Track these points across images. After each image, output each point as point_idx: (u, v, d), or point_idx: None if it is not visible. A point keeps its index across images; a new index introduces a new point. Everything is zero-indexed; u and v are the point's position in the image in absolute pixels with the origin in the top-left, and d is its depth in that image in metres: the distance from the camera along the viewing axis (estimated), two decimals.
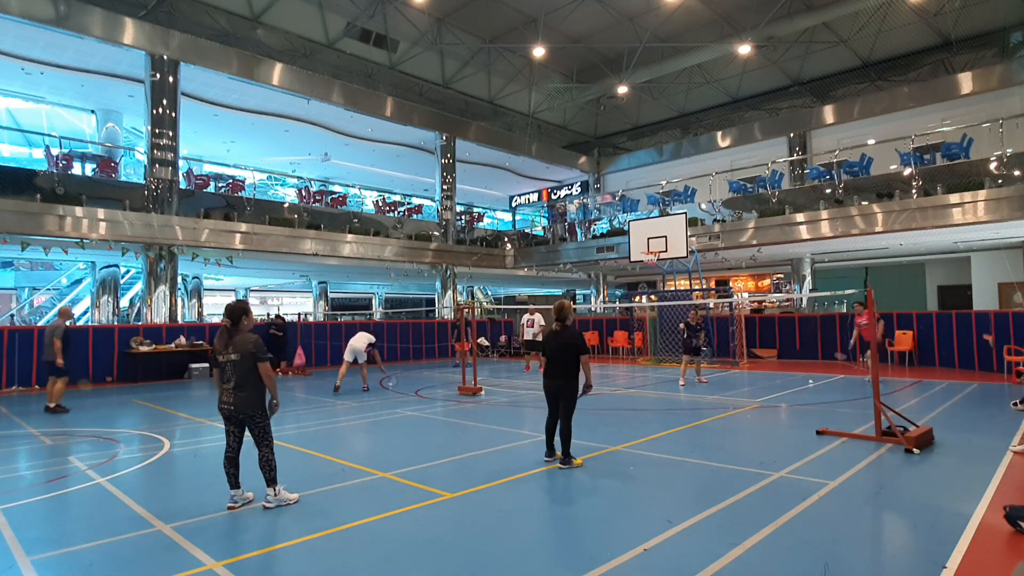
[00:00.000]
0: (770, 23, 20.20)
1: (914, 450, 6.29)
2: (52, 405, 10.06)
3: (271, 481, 4.86)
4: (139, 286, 19.14)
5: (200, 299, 25.26)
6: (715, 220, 19.43)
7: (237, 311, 4.87)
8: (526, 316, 16.13)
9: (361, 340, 12.57)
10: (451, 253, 23.26)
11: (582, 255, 23.05)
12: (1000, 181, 14.34)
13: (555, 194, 31.70)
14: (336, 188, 25.94)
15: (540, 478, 5.67)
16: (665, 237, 17.85)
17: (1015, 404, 8.91)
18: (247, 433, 4.95)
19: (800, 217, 17.39)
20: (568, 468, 5.92)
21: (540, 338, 15.78)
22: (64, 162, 15.42)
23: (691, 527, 4.24)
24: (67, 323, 10.41)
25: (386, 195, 27.53)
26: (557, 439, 6.16)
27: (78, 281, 22.52)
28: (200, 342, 16.06)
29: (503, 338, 23.60)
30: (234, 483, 4.92)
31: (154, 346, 15.22)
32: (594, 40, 23.63)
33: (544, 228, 27.45)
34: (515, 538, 4.19)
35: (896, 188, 15.97)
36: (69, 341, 10.33)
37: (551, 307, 6.57)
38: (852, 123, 21.79)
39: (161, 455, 6.87)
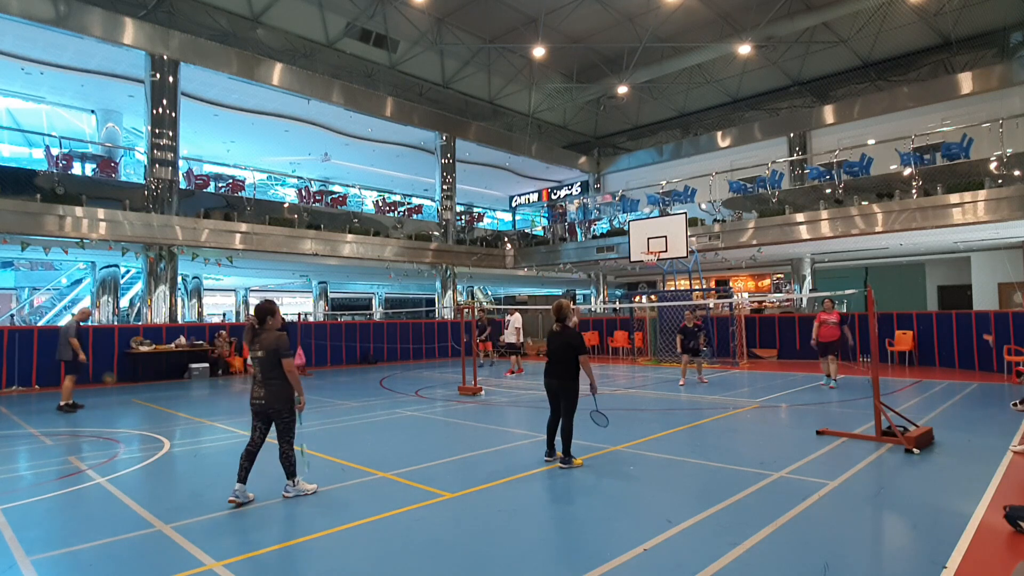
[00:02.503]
0: (770, 23, 20.21)
1: (914, 450, 6.29)
2: (62, 403, 10.07)
3: (291, 474, 5.11)
4: (139, 286, 19.16)
5: (200, 299, 25.27)
6: (715, 220, 19.43)
7: (263, 311, 5.10)
8: (507, 317, 15.95)
9: None
10: (451, 253, 23.26)
11: (582, 255, 23.05)
12: (1000, 181, 14.34)
13: (555, 194, 31.70)
14: (336, 188, 25.94)
15: (540, 478, 5.67)
16: (665, 237, 17.84)
17: (1015, 404, 8.91)
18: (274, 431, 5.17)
19: (800, 217, 17.39)
20: (568, 468, 5.94)
21: (514, 339, 15.47)
22: (64, 162, 15.42)
23: (691, 527, 4.24)
24: (80, 323, 10.59)
25: (386, 195, 27.52)
26: (557, 439, 6.18)
27: (78, 281, 22.53)
28: (200, 342, 16.06)
29: (503, 339, 23.59)
30: (243, 477, 4.99)
31: (154, 346, 15.22)
32: (594, 40, 23.62)
33: (544, 228, 27.46)
34: (515, 538, 4.19)
35: (896, 188, 15.98)
36: (80, 339, 10.43)
37: (549, 308, 6.64)
38: (852, 123, 21.79)
39: (161, 455, 6.87)
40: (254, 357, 5.04)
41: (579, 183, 30.81)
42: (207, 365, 15.87)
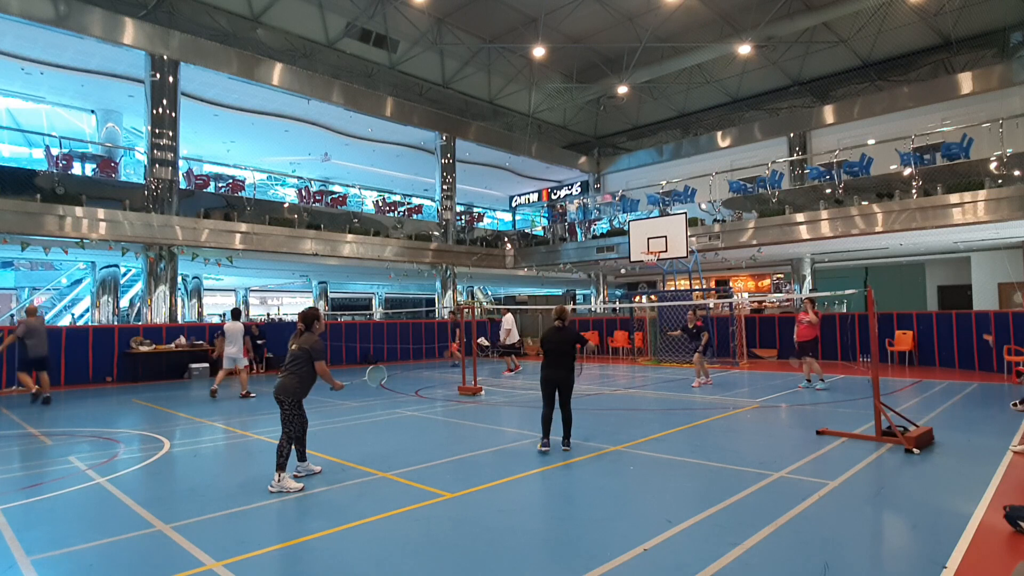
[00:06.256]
0: (770, 23, 20.21)
1: (914, 450, 6.29)
2: (46, 393, 11.12)
3: (279, 467, 5.28)
4: (139, 286, 19.14)
5: (200, 299, 25.27)
6: (715, 220, 19.43)
7: (310, 317, 5.66)
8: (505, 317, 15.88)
9: (238, 343, 11.80)
10: (451, 253, 23.25)
11: (582, 255, 23.05)
12: (1000, 181, 14.34)
13: (555, 194, 31.69)
14: (336, 188, 25.94)
15: (540, 478, 5.68)
16: (665, 237, 17.84)
17: (1015, 404, 8.90)
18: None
19: (800, 217, 17.39)
20: (569, 450, 6.65)
21: (508, 340, 15.42)
22: (64, 162, 15.42)
23: (691, 527, 4.24)
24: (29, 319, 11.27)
25: (386, 195, 27.52)
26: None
27: (78, 281, 22.52)
28: (200, 342, 16.06)
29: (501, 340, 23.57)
30: (300, 457, 5.68)
31: (154, 346, 15.22)
32: (594, 40, 23.62)
33: (544, 228, 27.45)
34: (515, 538, 4.19)
35: (896, 188, 15.97)
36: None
37: (549, 307, 7.07)
38: (852, 123, 21.79)
39: (161, 455, 6.87)
40: (289, 350, 5.58)
41: (579, 183, 30.80)
42: (207, 365, 15.87)
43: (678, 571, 3.55)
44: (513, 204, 34.15)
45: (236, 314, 12.62)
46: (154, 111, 16.17)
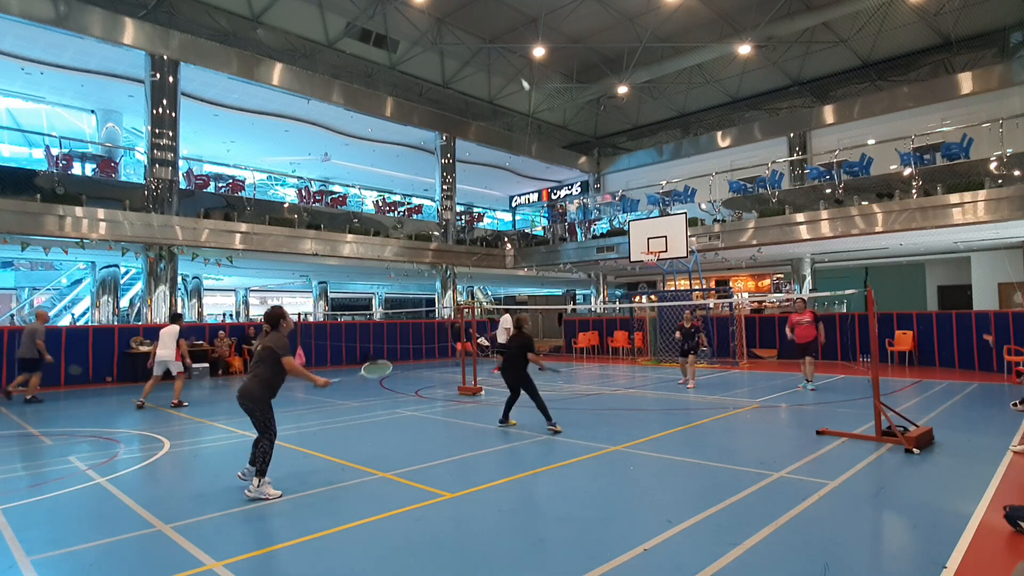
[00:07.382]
0: (770, 23, 20.20)
1: (914, 450, 6.29)
2: (29, 396, 11.39)
3: (259, 472, 5.12)
4: (139, 286, 19.15)
5: (200, 299, 25.26)
6: (715, 220, 19.43)
7: (274, 316, 5.44)
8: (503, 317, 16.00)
9: (169, 347, 10.62)
10: (451, 253, 23.26)
11: (582, 255, 23.05)
12: (1000, 181, 14.33)
13: (555, 194, 31.69)
14: (336, 188, 25.94)
15: (540, 478, 5.68)
16: (665, 237, 17.84)
17: (1015, 404, 8.90)
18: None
19: (800, 217, 17.38)
20: (553, 430, 7.57)
21: (504, 339, 15.63)
22: (64, 162, 15.42)
23: (691, 527, 4.24)
24: (45, 325, 11.75)
25: (386, 195, 27.52)
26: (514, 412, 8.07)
27: (78, 281, 22.52)
28: (200, 342, 16.05)
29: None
30: (251, 459, 5.33)
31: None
32: (594, 40, 23.62)
33: (544, 228, 27.45)
34: (515, 538, 4.19)
35: (896, 188, 15.97)
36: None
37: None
38: (852, 123, 21.79)
39: (161, 455, 6.87)
40: (253, 352, 5.42)
41: (579, 183, 30.80)
42: (207, 365, 15.86)
43: (678, 571, 3.55)
44: (513, 204, 34.15)
45: (175, 317, 11.35)
46: (154, 111, 16.17)
